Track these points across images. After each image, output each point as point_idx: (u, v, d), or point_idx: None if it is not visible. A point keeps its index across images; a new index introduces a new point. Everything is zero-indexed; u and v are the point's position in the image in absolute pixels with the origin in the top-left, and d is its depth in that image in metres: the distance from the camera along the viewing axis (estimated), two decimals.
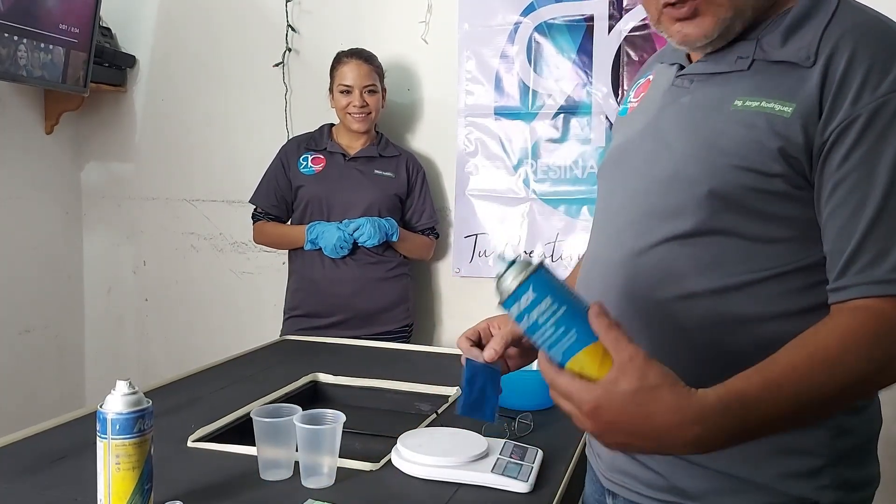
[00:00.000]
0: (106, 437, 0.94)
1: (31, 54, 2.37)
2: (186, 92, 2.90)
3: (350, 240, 2.27)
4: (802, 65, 0.83)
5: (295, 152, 2.42)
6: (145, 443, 0.96)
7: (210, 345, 2.79)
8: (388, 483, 1.12)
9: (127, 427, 0.94)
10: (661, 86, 0.98)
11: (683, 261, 0.88)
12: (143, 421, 0.96)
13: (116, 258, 3.04)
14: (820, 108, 0.81)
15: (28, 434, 1.28)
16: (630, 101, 1.05)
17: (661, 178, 0.91)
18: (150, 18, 2.92)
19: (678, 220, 0.88)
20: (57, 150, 2.92)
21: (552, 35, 2.46)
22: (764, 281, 0.85)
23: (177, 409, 1.42)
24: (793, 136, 0.82)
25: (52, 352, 2.93)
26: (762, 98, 0.84)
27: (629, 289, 0.92)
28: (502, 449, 1.18)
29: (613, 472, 0.99)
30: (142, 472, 0.96)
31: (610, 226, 0.98)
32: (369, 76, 2.35)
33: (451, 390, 1.56)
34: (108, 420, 0.94)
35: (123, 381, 0.96)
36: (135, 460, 0.95)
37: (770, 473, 0.88)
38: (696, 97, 0.92)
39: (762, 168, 0.83)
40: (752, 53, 0.88)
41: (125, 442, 0.94)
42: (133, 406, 0.95)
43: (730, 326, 0.86)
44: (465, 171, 2.60)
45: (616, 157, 1.02)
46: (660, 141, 0.93)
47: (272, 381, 1.59)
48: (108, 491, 0.95)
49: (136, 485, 0.95)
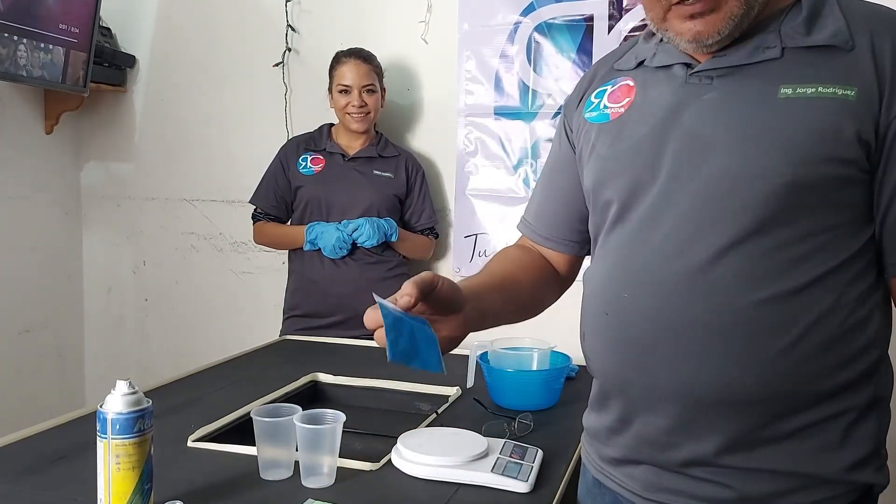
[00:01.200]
0: (106, 437, 0.95)
1: (31, 54, 2.37)
2: (186, 92, 2.90)
3: (349, 240, 2.27)
4: (843, 47, 0.84)
5: (294, 152, 2.42)
6: (145, 442, 0.96)
7: (210, 345, 2.79)
8: (388, 483, 1.12)
9: (127, 427, 0.94)
10: (664, 87, 0.95)
11: (762, 263, 0.85)
12: (143, 421, 0.96)
13: (116, 258, 3.04)
14: (879, 90, 0.82)
15: (28, 434, 1.28)
16: (608, 108, 1.00)
17: (716, 177, 0.87)
18: (150, 18, 2.92)
19: (745, 219, 0.85)
20: (57, 150, 2.92)
21: (552, 35, 2.46)
22: (836, 270, 0.85)
23: (177, 409, 1.42)
24: (862, 119, 0.82)
25: (52, 352, 2.93)
26: (816, 84, 0.84)
27: (698, 306, 0.87)
28: (502, 449, 1.18)
29: (658, 492, 0.94)
30: (142, 472, 0.96)
31: (650, 238, 0.91)
32: (368, 76, 2.35)
33: (451, 390, 1.56)
34: (108, 420, 0.94)
35: (123, 381, 0.96)
36: (135, 460, 0.95)
37: (838, 466, 0.88)
38: (725, 92, 0.89)
39: (842, 154, 0.83)
40: (779, 42, 0.87)
41: (125, 442, 0.94)
42: (133, 406, 0.95)
43: (812, 323, 0.85)
44: (464, 170, 2.60)
45: (625, 165, 0.95)
46: (693, 139, 0.89)
47: (272, 381, 1.59)
48: (109, 491, 0.95)
49: (136, 485, 0.95)
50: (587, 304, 1.01)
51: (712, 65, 0.91)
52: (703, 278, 0.87)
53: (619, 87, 1.01)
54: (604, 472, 1.02)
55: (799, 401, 0.86)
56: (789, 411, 0.87)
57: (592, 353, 1.00)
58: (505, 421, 1.34)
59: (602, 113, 1.01)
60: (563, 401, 1.50)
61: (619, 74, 1.02)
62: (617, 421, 0.97)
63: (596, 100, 1.03)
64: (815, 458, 0.88)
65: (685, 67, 0.93)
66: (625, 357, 0.93)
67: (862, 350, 0.88)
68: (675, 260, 0.88)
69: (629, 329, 0.92)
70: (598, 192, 0.99)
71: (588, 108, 1.04)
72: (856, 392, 0.88)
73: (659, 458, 0.93)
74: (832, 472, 0.88)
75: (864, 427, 0.89)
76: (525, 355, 1.56)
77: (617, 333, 0.94)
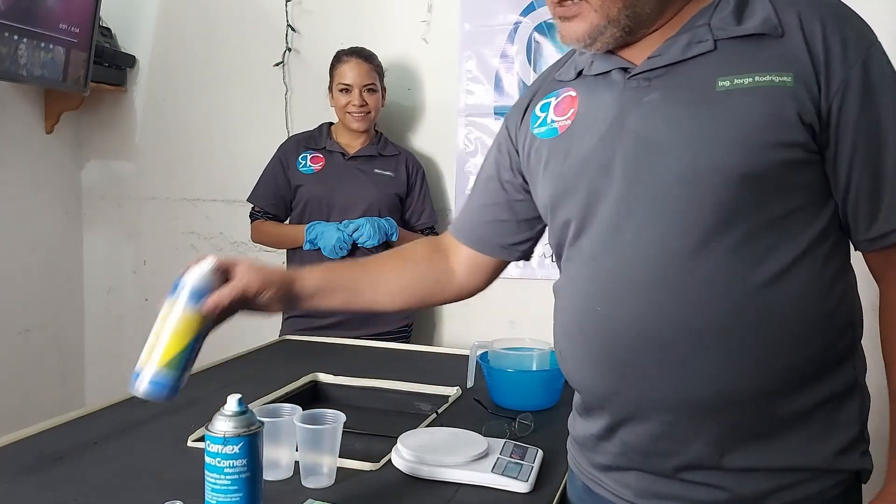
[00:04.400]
0: (175, 297, 0.98)
1: (32, 54, 2.37)
2: (186, 92, 2.90)
3: (349, 241, 2.27)
4: (773, 34, 0.85)
5: (294, 151, 2.42)
6: (206, 318, 1.00)
7: (210, 345, 2.77)
8: (388, 483, 1.12)
9: (196, 296, 0.98)
10: (604, 94, 0.94)
11: (731, 259, 0.84)
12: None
13: (116, 258, 3.04)
14: (815, 72, 0.84)
15: (28, 434, 1.28)
16: (555, 121, 0.99)
17: (669, 178, 0.86)
18: (150, 18, 2.92)
19: (706, 217, 0.84)
20: (57, 149, 2.92)
21: (552, 35, 2.46)
22: (804, 255, 0.86)
23: (177, 409, 1.41)
24: (802, 102, 0.83)
25: (52, 352, 2.93)
26: (753, 73, 0.85)
27: (675, 313, 0.86)
28: (502, 449, 1.18)
29: (651, 498, 0.93)
30: (190, 341, 0.99)
31: (614, 249, 0.90)
32: (368, 75, 2.35)
33: (451, 390, 1.56)
34: (184, 285, 0.98)
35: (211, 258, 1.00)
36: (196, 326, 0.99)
37: (826, 454, 0.88)
38: (665, 91, 0.89)
39: (787, 139, 0.84)
40: (710, 35, 0.88)
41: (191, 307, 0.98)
42: (207, 280, 0.99)
43: (791, 312, 0.85)
44: (465, 170, 2.60)
45: (582, 177, 0.93)
46: (641, 143, 0.89)
47: (272, 381, 1.59)
48: (158, 343, 0.97)
49: (183, 348, 0.99)
50: (559, 319, 1.01)
51: (648, 66, 0.91)
52: (674, 284, 0.86)
53: (562, 98, 1.00)
54: (594, 480, 1.01)
55: (786, 394, 0.87)
56: (777, 406, 0.87)
57: (573, 371, 0.99)
58: (505, 421, 1.34)
59: (550, 128, 1.00)
60: (563, 401, 1.50)
61: (560, 85, 1.02)
62: (604, 430, 0.96)
63: (542, 113, 1.02)
64: (804, 449, 0.88)
65: (622, 72, 0.93)
66: (608, 373, 0.92)
67: (841, 331, 0.89)
68: (643, 268, 0.88)
69: (609, 344, 0.91)
70: (556, 208, 0.98)
71: (535, 123, 1.03)
72: (836, 376, 0.89)
73: (650, 465, 0.93)
74: (822, 461, 0.88)
75: (846, 411, 0.90)
76: (525, 355, 1.56)
77: (597, 350, 0.93)
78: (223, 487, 0.92)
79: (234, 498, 0.92)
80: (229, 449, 0.91)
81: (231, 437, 0.92)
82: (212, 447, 0.93)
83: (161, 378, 0.94)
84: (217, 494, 0.92)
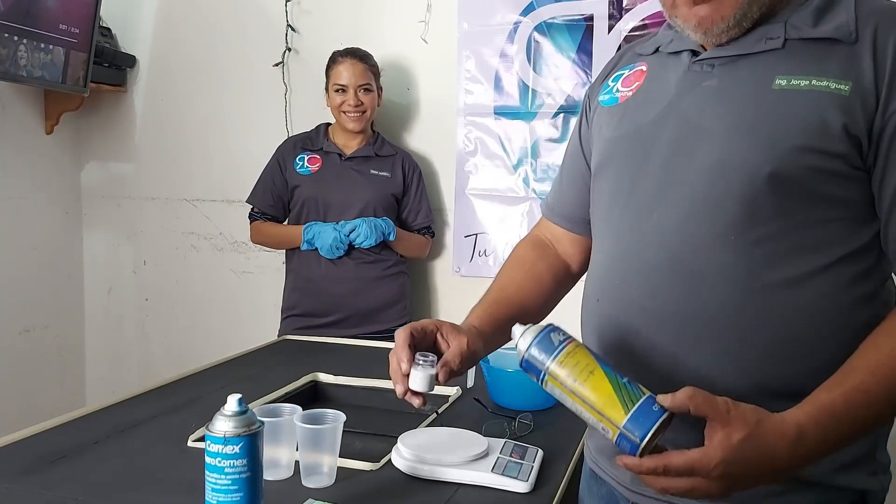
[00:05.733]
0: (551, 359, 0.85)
1: (31, 54, 2.37)
2: (186, 92, 2.90)
3: (346, 241, 2.28)
4: (845, 41, 0.83)
5: (291, 152, 2.43)
6: (577, 351, 0.84)
7: (210, 345, 2.79)
8: (388, 483, 1.12)
9: (548, 347, 0.86)
10: (671, 73, 0.95)
11: (745, 256, 0.84)
12: (556, 334, 0.86)
13: (116, 258, 3.04)
14: (876, 87, 0.81)
15: (28, 434, 1.28)
16: (619, 91, 1.01)
17: (706, 165, 0.86)
18: (150, 18, 2.92)
19: (729, 211, 0.84)
20: (57, 150, 2.92)
21: (552, 34, 2.46)
22: (829, 268, 0.84)
23: (177, 409, 1.42)
24: (854, 114, 0.81)
25: (52, 352, 2.93)
26: (811, 76, 0.83)
27: (681, 297, 0.87)
28: (502, 448, 1.18)
29: (644, 489, 0.93)
30: (604, 369, 0.82)
31: (642, 227, 0.91)
32: (364, 75, 2.35)
33: (451, 390, 1.56)
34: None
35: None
36: (582, 366, 0.83)
37: (823, 468, 0.85)
38: (724, 80, 0.89)
39: (826, 148, 0.82)
40: (783, 33, 0.87)
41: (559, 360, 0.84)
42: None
43: (799, 320, 0.84)
44: (464, 170, 2.60)
45: (626, 149, 0.95)
46: (689, 127, 0.89)
47: (272, 381, 1.59)
48: (591, 402, 0.82)
49: (611, 380, 0.82)
50: (586, 290, 1.03)
51: (716, 53, 0.91)
52: (685, 269, 0.87)
53: (634, 71, 1.01)
54: (598, 464, 1.03)
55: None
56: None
57: (588, 342, 1.00)
58: (505, 421, 1.34)
59: (613, 96, 1.02)
60: None
61: (638, 59, 1.03)
62: None
63: (612, 83, 1.04)
64: None
65: (691, 54, 0.93)
66: (610, 344, 0.94)
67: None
68: (661, 249, 0.89)
69: (617, 315, 0.93)
70: (598, 175, 1.00)
71: (604, 90, 1.05)
72: None
73: None
74: (820, 474, 0.86)
75: None
76: None
77: (605, 320, 0.95)
78: (223, 487, 0.92)
79: (235, 498, 0.92)
80: (229, 449, 0.92)
81: (231, 437, 0.92)
82: (212, 447, 0.93)
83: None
84: (217, 494, 0.92)
